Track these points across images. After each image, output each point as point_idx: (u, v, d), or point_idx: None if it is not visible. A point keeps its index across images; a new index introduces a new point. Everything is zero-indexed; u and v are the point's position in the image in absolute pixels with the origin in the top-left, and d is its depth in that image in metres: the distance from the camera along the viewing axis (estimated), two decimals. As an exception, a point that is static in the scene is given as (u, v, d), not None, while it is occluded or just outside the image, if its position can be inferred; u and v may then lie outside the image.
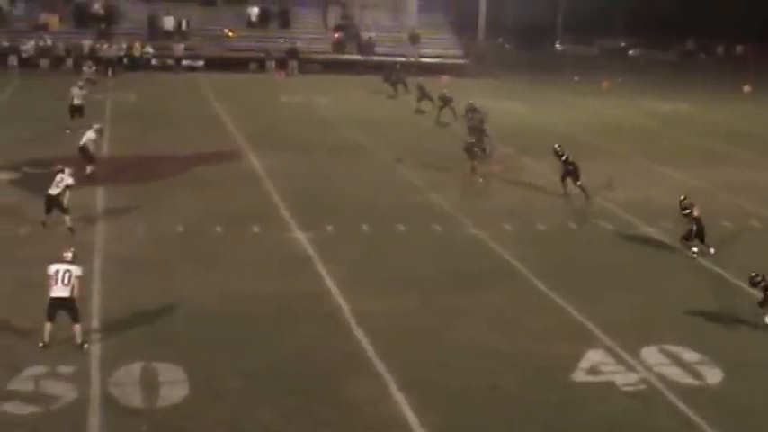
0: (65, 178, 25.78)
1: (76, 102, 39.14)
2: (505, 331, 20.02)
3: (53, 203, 25.72)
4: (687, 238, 25.47)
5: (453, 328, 20.14)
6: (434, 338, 19.57)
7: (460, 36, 71.26)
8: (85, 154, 31.55)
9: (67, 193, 25.76)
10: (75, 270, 18.63)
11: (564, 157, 31.16)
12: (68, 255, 18.90)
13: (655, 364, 18.54)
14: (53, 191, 25.66)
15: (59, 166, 26.42)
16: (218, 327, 19.71)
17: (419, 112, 46.26)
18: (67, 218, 25.69)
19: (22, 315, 19.52)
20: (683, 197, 25.91)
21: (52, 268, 18.56)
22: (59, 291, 18.38)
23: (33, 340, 18.50)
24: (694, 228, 25.23)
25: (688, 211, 25.35)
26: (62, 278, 18.44)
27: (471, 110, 39.98)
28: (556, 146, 31.70)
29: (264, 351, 18.65)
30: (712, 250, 25.38)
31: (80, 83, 40.78)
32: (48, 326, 18.36)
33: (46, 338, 18.37)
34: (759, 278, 20.76)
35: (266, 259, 24.26)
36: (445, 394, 17.15)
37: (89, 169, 31.24)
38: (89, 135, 31.99)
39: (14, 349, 18.30)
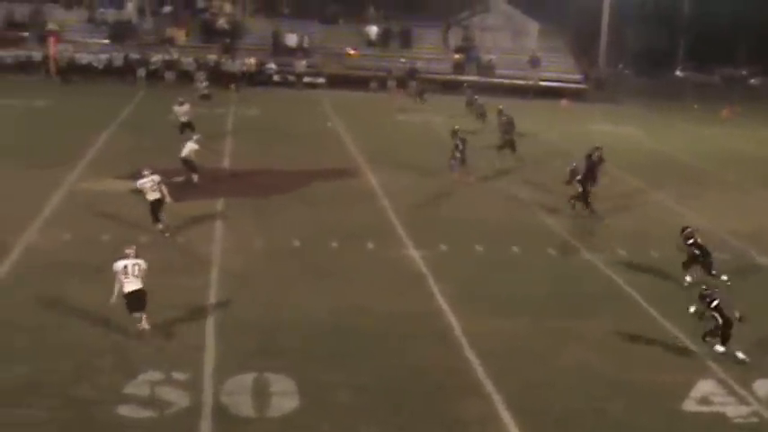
0: (154, 178, 26.64)
1: (183, 119, 39.72)
2: (615, 357, 19.90)
3: (158, 207, 26.69)
4: (687, 265, 24.98)
5: (563, 351, 20.10)
6: (544, 361, 19.56)
7: (581, 60, 70.84)
8: (189, 165, 32.32)
9: (165, 189, 26.66)
10: (143, 263, 19.63)
11: (578, 178, 30.86)
12: (131, 251, 19.78)
13: (767, 398, 18.29)
14: (152, 196, 26.58)
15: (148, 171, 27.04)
16: (330, 341, 19.94)
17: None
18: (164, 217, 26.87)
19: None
20: (685, 227, 25.43)
21: (120, 264, 19.52)
22: (134, 284, 19.42)
23: (150, 346, 19.02)
24: (696, 254, 24.77)
25: (691, 240, 24.88)
26: (132, 271, 19.42)
27: (509, 122, 41.12)
28: (573, 164, 31.50)
29: (375, 366, 18.82)
30: (724, 277, 24.77)
31: (180, 99, 41.16)
32: (138, 316, 19.46)
33: (146, 325, 19.52)
34: (708, 291, 20.25)
35: (380, 276, 24.47)
36: (552, 417, 17.13)
37: (195, 178, 32.14)
38: (191, 146, 32.63)
39: (132, 355, 18.76)
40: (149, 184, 26.58)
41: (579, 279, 25.21)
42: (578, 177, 30.90)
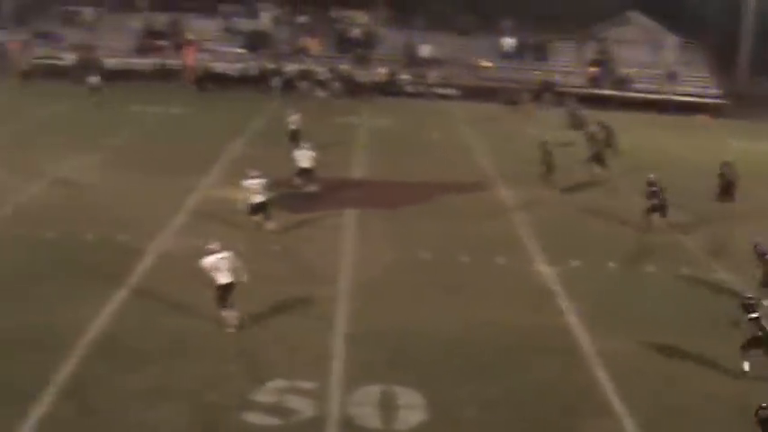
0: (261, 182, 27.49)
1: (293, 127, 40.22)
2: (753, 383, 19.24)
3: (260, 208, 27.55)
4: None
5: (697, 374, 19.55)
6: (677, 383, 19.05)
7: (720, 75, 69.31)
8: (309, 173, 32.66)
9: (269, 195, 27.60)
10: (232, 256, 20.22)
11: (655, 189, 29.98)
12: (216, 246, 20.36)
13: None
14: (256, 198, 27.47)
15: (254, 173, 27.90)
16: (459, 355, 19.76)
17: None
18: (269, 222, 27.73)
19: (267, 329, 20.18)
20: (756, 243, 24.48)
21: (209, 261, 20.10)
22: (225, 277, 19.98)
23: (278, 354, 19.10)
24: None
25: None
26: (223, 265, 20.02)
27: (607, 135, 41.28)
28: (651, 176, 30.55)
29: (504, 382, 18.58)
30: None
31: (291, 110, 41.83)
32: (229, 313, 20.10)
33: (236, 322, 20.17)
34: (752, 302, 19.50)
35: (510, 291, 24.16)
36: (686, 441, 16.70)
37: (313, 187, 32.60)
38: (310, 154, 32.87)
39: (260, 362, 18.87)
40: (255, 187, 27.33)
41: (715, 300, 24.46)
42: (654, 189, 30.09)
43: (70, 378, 17.96)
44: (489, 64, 65.27)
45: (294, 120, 40.74)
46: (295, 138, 38.00)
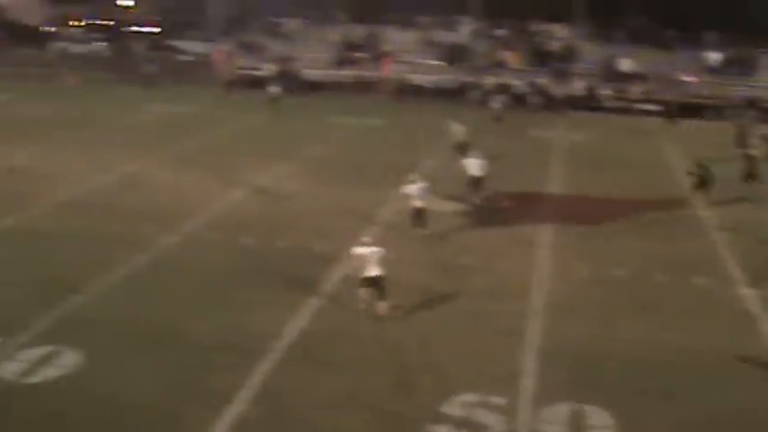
0: (421, 186, 28.26)
1: (458, 138, 40.60)
2: None
3: (421, 214, 28.01)
4: None
5: None
6: None
7: None
8: (479, 182, 32.81)
9: (430, 200, 28.32)
10: (381, 251, 21.13)
11: None
12: (369, 240, 21.60)
13: None
14: (417, 203, 28.15)
15: (412, 178, 28.84)
16: (651, 376, 19.24)
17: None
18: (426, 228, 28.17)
19: (456, 342, 20.09)
20: None
21: (359, 251, 21.31)
22: (374, 270, 20.93)
23: (467, 368, 18.99)
24: None
25: None
26: (373, 259, 20.87)
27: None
28: None
29: (699, 407, 17.99)
30: None
31: (454, 122, 41.95)
32: (365, 293, 21.13)
33: (385, 313, 21.19)
34: None
35: (708, 313, 23.37)
36: None
37: (485, 196, 32.71)
38: (480, 162, 32.97)
39: (450, 375, 18.81)
40: (416, 192, 28.06)
41: None
42: None
43: (263, 381, 18.27)
44: (694, 79, 63.64)
45: (458, 130, 40.93)
46: (462, 149, 38.02)
